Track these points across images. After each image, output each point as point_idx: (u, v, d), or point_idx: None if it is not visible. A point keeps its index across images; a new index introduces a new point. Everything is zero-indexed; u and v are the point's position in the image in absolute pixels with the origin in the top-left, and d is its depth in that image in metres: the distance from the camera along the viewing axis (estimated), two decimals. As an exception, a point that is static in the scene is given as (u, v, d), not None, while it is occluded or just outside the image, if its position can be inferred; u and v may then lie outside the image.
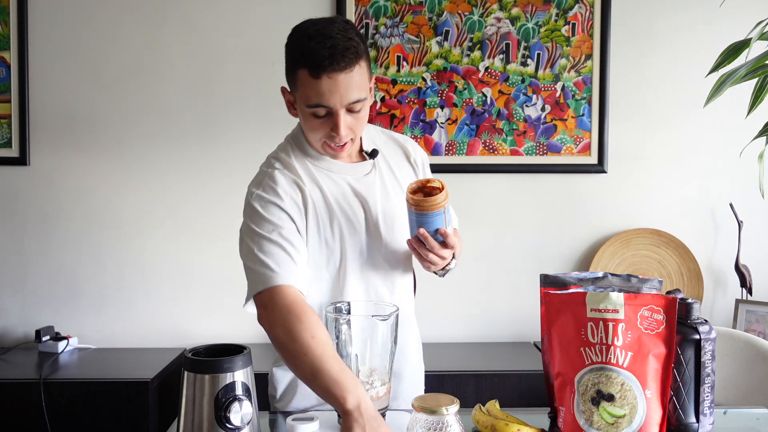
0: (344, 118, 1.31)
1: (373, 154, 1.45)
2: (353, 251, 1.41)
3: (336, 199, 1.40)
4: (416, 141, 2.55)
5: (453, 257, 1.44)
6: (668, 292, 1.22)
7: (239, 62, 2.59)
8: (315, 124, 1.33)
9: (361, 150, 1.47)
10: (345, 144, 1.37)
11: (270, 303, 1.27)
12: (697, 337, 1.18)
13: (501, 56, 2.60)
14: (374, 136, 1.53)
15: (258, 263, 1.30)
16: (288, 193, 1.37)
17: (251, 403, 1.17)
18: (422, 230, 1.33)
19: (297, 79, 1.30)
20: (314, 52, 1.25)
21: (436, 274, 1.51)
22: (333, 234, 1.39)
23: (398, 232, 1.47)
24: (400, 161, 1.54)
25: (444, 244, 1.35)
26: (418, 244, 1.35)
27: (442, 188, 1.34)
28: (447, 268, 1.46)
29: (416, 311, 1.62)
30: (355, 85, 1.28)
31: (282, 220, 1.34)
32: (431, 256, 1.35)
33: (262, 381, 1.43)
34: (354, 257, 1.42)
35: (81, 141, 2.58)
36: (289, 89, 1.38)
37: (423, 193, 1.36)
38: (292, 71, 1.32)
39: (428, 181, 1.37)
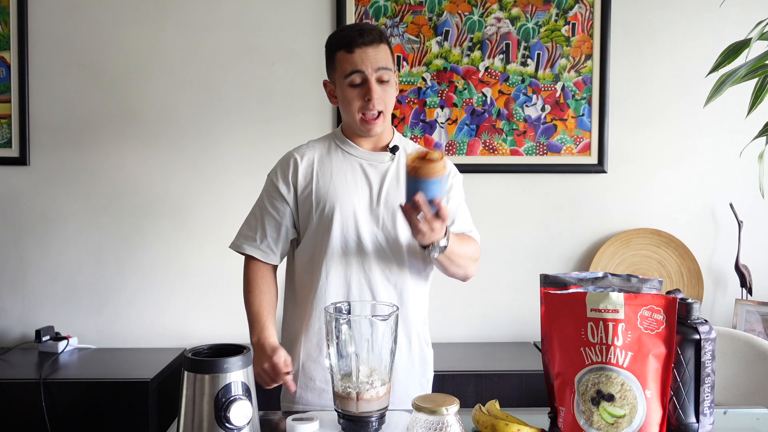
0: (375, 85, 1.52)
1: (394, 149, 1.61)
2: (346, 221, 1.54)
3: (345, 173, 1.58)
4: (416, 141, 2.56)
5: (446, 234, 1.43)
6: (668, 292, 1.22)
7: (239, 62, 2.59)
8: (352, 94, 1.54)
9: (386, 146, 1.62)
10: (378, 116, 1.54)
11: (244, 266, 1.63)
12: (697, 337, 1.18)
13: (501, 56, 2.60)
14: (406, 143, 1.68)
15: (244, 226, 1.64)
16: (283, 170, 1.61)
17: (251, 403, 1.17)
18: (419, 196, 1.32)
19: (335, 61, 1.55)
20: (347, 35, 1.53)
21: (428, 250, 1.46)
22: (328, 200, 1.55)
23: (400, 221, 1.53)
24: None
25: (437, 215, 1.35)
26: (410, 209, 1.35)
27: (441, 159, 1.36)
28: (438, 244, 1.43)
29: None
30: (382, 57, 1.53)
31: (272, 198, 1.60)
32: (422, 225, 1.35)
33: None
34: (346, 228, 1.54)
35: (81, 141, 2.58)
36: (329, 80, 1.61)
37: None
38: (331, 59, 1.57)
39: (428, 152, 1.36)
